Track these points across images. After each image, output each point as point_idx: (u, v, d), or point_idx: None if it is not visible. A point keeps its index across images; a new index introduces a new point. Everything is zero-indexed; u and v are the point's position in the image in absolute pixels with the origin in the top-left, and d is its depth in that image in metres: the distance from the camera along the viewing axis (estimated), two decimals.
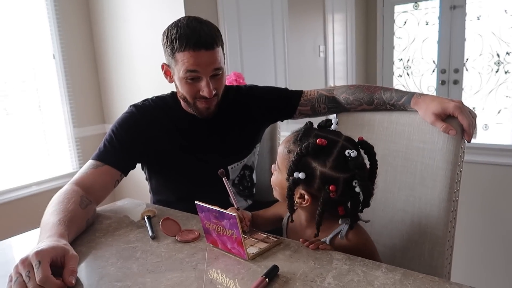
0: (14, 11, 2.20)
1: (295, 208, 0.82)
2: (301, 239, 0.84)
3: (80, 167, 1.12)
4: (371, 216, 1.10)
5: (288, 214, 0.95)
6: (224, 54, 1.13)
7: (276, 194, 0.89)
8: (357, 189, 0.76)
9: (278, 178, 0.85)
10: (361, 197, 0.78)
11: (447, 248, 0.99)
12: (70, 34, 2.42)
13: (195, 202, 0.82)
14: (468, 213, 1.58)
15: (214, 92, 1.08)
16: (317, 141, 0.76)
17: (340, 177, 0.76)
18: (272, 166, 0.90)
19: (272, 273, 0.70)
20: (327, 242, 0.83)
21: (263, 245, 0.82)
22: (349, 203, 0.81)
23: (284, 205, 0.99)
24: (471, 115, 0.95)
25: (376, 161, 0.82)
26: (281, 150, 0.84)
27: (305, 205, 0.80)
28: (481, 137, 1.71)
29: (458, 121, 0.95)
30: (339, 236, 0.82)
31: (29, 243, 0.87)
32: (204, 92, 1.07)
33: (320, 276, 0.70)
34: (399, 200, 1.05)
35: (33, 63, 2.34)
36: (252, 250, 0.79)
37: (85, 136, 2.53)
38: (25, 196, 2.23)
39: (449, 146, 0.97)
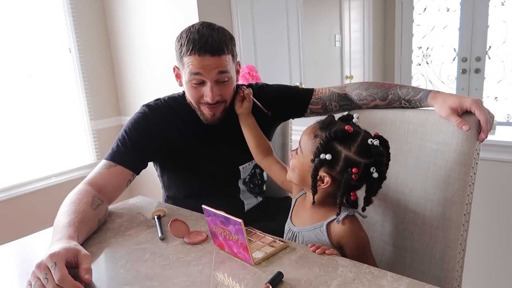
0: (31, 7, 2.23)
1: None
2: (309, 245, 0.84)
3: (98, 159, 1.14)
4: (382, 216, 1.09)
5: (298, 195, 1.01)
6: (236, 63, 1.13)
7: (293, 175, 0.94)
8: (375, 175, 0.83)
9: (299, 160, 0.91)
10: (376, 182, 0.85)
11: (459, 252, 0.97)
12: (86, 28, 2.44)
13: (202, 206, 0.82)
14: (483, 213, 1.54)
15: (218, 98, 1.08)
16: (346, 127, 0.84)
17: (362, 162, 0.83)
18: (292, 152, 0.96)
19: (276, 280, 0.70)
20: (324, 225, 0.88)
21: (269, 249, 0.82)
22: (365, 187, 0.88)
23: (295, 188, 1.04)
24: (489, 115, 0.92)
25: (390, 154, 0.89)
26: (305, 137, 0.91)
27: (323, 186, 0.86)
28: (500, 133, 1.64)
29: (475, 118, 0.92)
30: (336, 220, 0.86)
31: (45, 241, 0.89)
32: (207, 97, 1.07)
33: (324, 284, 0.70)
34: (411, 201, 1.03)
35: (50, 57, 2.38)
36: (258, 255, 0.80)
37: (102, 128, 2.57)
38: (45, 187, 2.29)
39: (463, 148, 0.94)
